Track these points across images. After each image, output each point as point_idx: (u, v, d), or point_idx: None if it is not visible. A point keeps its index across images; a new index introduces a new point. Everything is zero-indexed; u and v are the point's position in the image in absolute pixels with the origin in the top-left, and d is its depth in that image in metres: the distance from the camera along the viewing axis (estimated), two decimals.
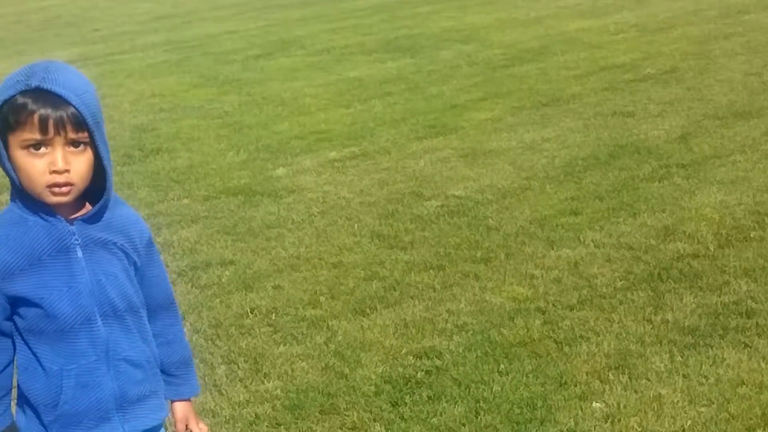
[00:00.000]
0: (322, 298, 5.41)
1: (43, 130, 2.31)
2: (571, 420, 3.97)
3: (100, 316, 2.46)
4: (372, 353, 4.71)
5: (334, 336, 4.94)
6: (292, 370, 4.62)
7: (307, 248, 6.19)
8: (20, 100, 2.30)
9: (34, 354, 2.44)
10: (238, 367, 4.71)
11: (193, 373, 2.83)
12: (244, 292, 5.60)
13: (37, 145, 2.33)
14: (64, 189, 2.37)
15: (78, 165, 2.37)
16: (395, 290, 5.43)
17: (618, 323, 4.77)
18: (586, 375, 4.31)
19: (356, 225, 6.53)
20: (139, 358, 2.56)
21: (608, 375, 4.30)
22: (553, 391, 4.20)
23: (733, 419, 3.91)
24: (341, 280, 5.63)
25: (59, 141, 2.33)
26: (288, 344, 4.90)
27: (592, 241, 5.83)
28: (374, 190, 7.28)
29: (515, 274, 5.48)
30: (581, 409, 4.05)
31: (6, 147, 2.36)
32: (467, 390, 4.28)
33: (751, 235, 5.72)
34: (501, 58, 12.05)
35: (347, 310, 5.23)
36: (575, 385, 4.24)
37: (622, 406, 4.05)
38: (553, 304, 5.04)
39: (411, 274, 5.63)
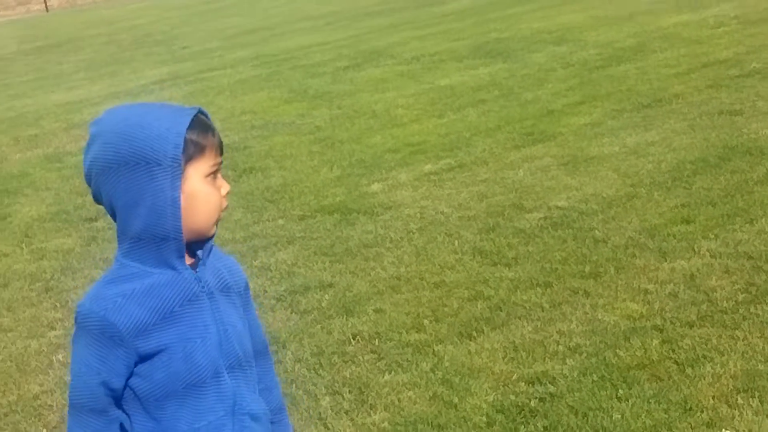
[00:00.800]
0: (425, 321, 5.21)
1: (220, 152, 2.28)
2: None
3: (226, 369, 2.33)
4: (481, 380, 4.50)
5: (440, 362, 4.73)
6: (399, 401, 4.43)
7: (407, 268, 6.01)
8: (193, 129, 2.21)
9: (156, 418, 2.26)
10: (343, 398, 4.54)
11: (286, 414, 2.69)
12: (345, 316, 5.43)
13: (215, 172, 2.26)
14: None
15: None
16: (501, 310, 5.20)
17: (743, 341, 4.47)
18: (713, 399, 4.03)
19: (456, 241, 6.31)
20: (258, 411, 2.41)
21: (737, 399, 4.01)
22: (677, 418, 3.93)
23: None
24: (444, 301, 5.43)
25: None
26: (393, 372, 4.72)
27: (708, 251, 5.52)
28: (473, 203, 7.06)
29: (627, 290, 5.20)
30: None
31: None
32: (585, 419, 4.03)
33: None
34: (597, 58, 11.71)
35: (453, 334, 5.02)
36: (701, 411, 3.96)
37: None
38: (670, 322, 4.76)
39: (517, 292, 5.40)
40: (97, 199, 2.29)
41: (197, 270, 2.30)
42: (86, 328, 2.18)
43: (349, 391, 4.59)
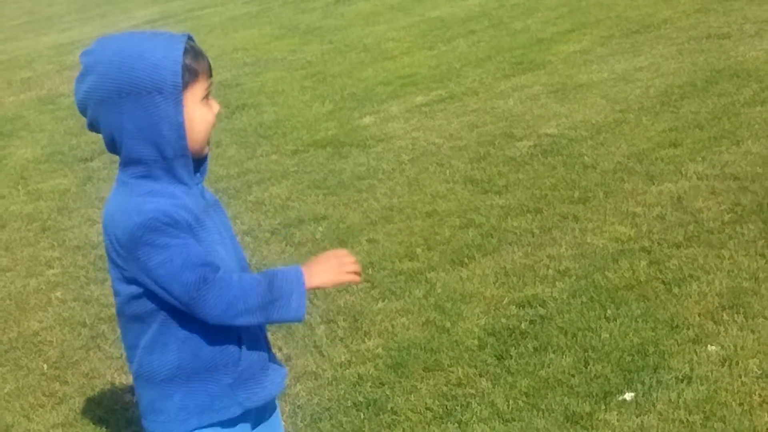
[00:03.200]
0: (418, 250, 5.29)
1: (211, 74, 2.39)
2: (686, 365, 3.80)
3: (241, 270, 2.48)
4: (473, 305, 4.59)
5: (433, 289, 4.82)
6: (393, 327, 4.53)
7: (399, 198, 6.08)
8: (187, 56, 2.31)
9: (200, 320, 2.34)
10: (338, 326, 4.64)
11: None
12: (339, 247, 5.50)
13: (208, 94, 2.37)
14: None
15: None
16: (492, 237, 5.28)
17: (729, 260, 4.55)
18: (699, 317, 4.12)
19: (448, 171, 6.38)
20: None
21: (722, 315, 4.10)
22: (664, 336, 4.03)
23: None
24: (436, 230, 5.51)
25: None
26: (386, 300, 4.81)
27: (695, 173, 5.59)
28: (464, 133, 7.11)
29: (616, 213, 5.28)
30: (696, 354, 3.87)
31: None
32: (574, 339, 4.13)
33: None
34: None
35: (445, 261, 5.10)
36: (688, 328, 4.05)
37: (739, 348, 3.86)
38: (658, 243, 4.84)
39: (508, 219, 5.47)
40: (94, 128, 2.37)
41: (198, 186, 2.43)
42: (151, 231, 2.24)
43: (344, 319, 4.69)
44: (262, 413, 2.58)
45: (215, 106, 2.40)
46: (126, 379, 4.52)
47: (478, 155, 6.57)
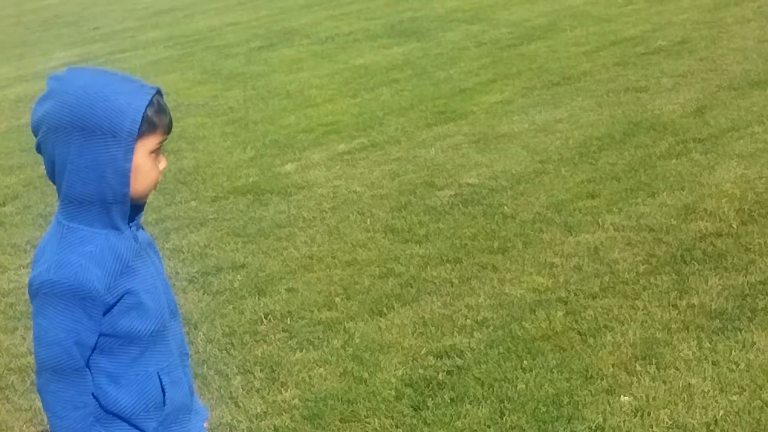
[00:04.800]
0: (337, 299, 5.27)
1: (169, 131, 2.41)
2: (599, 416, 3.83)
3: (170, 315, 2.52)
4: (391, 355, 4.58)
5: (351, 339, 4.80)
6: (310, 378, 4.50)
7: (319, 247, 6.06)
8: (151, 108, 2.33)
9: (123, 364, 2.41)
10: (254, 377, 4.58)
11: None
12: (257, 296, 5.47)
13: (159, 149, 2.40)
14: None
15: None
16: (412, 287, 5.29)
17: (642, 310, 4.62)
18: (613, 367, 4.17)
19: (369, 220, 6.38)
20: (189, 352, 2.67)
21: (635, 366, 4.15)
22: (579, 386, 4.06)
23: (766, 407, 3.76)
24: (356, 279, 5.50)
25: None
26: (304, 350, 4.77)
27: (612, 224, 5.67)
28: (386, 182, 7.14)
29: (534, 264, 5.33)
30: (609, 404, 3.91)
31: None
32: (491, 389, 4.14)
33: None
34: (509, 37, 11.85)
35: (364, 311, 5.09)
36: (602, 379, 4.09)
37: (651, 399, 3.91)
38: (574, 294, 4.89)
39: (427, 268, 5.49)
40: (39, 151, 2.39)
41: (131, 230, 2.45)
42: (56, 294, 2.28)
43: (261, 370, 4.64)
44: None
45: (162, 162, 2.43)
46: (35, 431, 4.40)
47: (399, 204, 6.59)
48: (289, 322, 5.09)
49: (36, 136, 2.37)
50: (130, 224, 2.43)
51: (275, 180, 7.58)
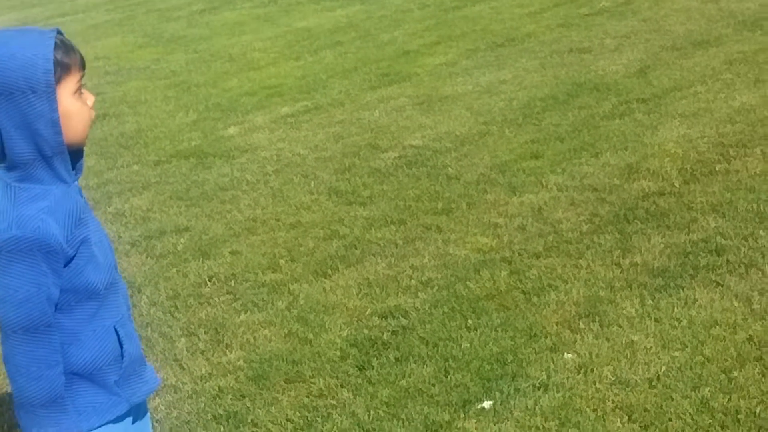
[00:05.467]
0: (281, 261, 5.24)
1: (83, 67, 2.35)
2: (543, 373, 3.85)
3: (114, 269, 2.50)
4: (336, 316, 4.56)
5: (296, 300, 4.78)
6: (255, 339, 4.47)
7: (263, 210, 6.01)
8: (57, 50, 2.28)
9: (81, 320, 2.39)
10: (199, 339, 4.54)
11: None
12: (201, 259, 5.42)
13: (80, 87, 2.34)
14: None
15: None
16: (356, 248, 5.27)
17: (586, 269, 4.65)
18: (556, 325, 4.19)
19: (313, 182, 6.35)
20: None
21: (579, 324, 4.18)
22: (523, 345, 4.08)
23: (708, 362, 3.81)
24: (300, 241, 5.47)
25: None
26: (249, 312, 4.74)
27: (555, 184, 5.69)
28: (329, 144, 7.10)
29: (478, 224, 5.33)
30: (553, 361, 3.93)
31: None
32: (435, 349, 4.14)
33: (716, 169, 5.60)
34: None
35: (308, 273, 5.07)
36: (545, 337, 4.11)
37: (594, 356, 3.93)
38: (518, 253, 4.91)
39: (371, 230, 5.47)
40: None
41: (76, 183, 2.42)
42: (20, 251, 2.24)
43: (205, 332, 4.60)
44: (138, 410, 2.59)
45: (90, 98, 2.39)
46: None
47: (343, 166, 6.55)
48: (233, 285, 5.05)
49: None
50: (75, 174, 2.40)
51: (218, 143, 7.50)
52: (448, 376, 3.92)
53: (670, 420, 3.47)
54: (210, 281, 5.14)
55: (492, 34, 9.66)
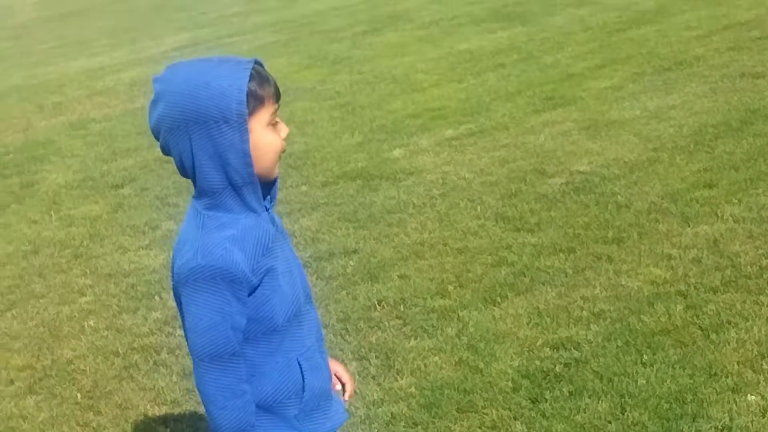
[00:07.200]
0: (450, 287, 5.27)
1: (278, 98, 2.39)
2: (726, 415, 3.75)
3: (305, 299, 2.53)
4: (506, 345, 4.55)
5: (465, 327, 4.79)
6: (425, 366, 4.50)
7: (430, 233, 6.05)
8: (252, 82, 2.32)
9: (265, 353, 2.44)
10: (370, 364, 4.61)
11: None
12: (370, 282, 5.49)
13: (275, 118, 2.38)
14: None
15: None
16: (525, 276, 5.25)
17: (767, 306, 4.51)
18: (738, 365, 4.07)
19: (479, 207, 6.35)
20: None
21: (762, 364, 4.05)
22: (702, 384, 3.98)
23: None
24: (468, 267, 5.48)
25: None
26: (419, 338, 4.78)
27: (731, 215, 5.54)
28: (495, 168, 7.09)
29: (651, 255, 5.24)
30: (735, 403, 3.81)
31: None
32: (610, 384, 4.09)
33: None
34: (617, 21, 11.65)
35: (477, 299, 5.07)
36: (726, 377, 4.00)
37: None
38: (694, 287, 4.79)
39: (540, 258, 5.44)
40: (166, 152, 2.42)
41: (269, 211, 2.46)
42: (206, 279, 2.29)
43: (376, 357, 4.66)
44: None
45: (283, 130, 2.42)
46: (159, 410, 4.51)
47: (509, 191, 6.54)
48: (402, 309, 5.10)
49: (158, 140, 2.40)
50: (267, 204, 2.45)
51: (384, 165, 7.60)
52: (625, 414, 3.86)
53: None
54: (379, 305, 5.20)
55: (658, 58, 9.47)
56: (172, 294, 2.44)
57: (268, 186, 2.46)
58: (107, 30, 20.26)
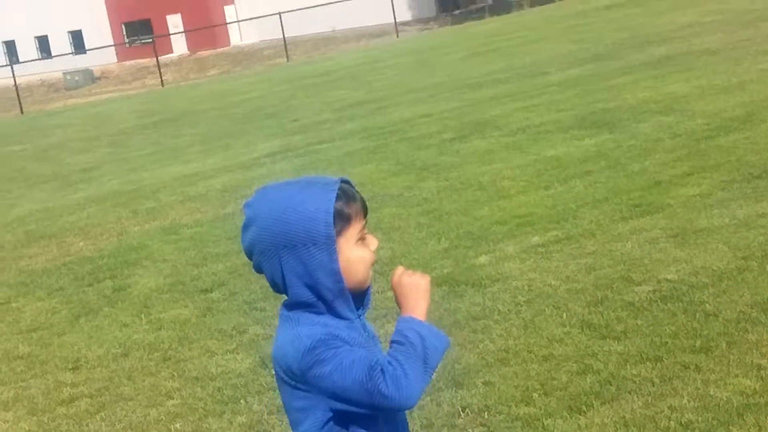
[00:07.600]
0: (534, 395, 5.24)
1: (365, 214, 2.51)
2: None
3: None
4: None
5: None
6: None
7: (515, 340, 6.05)
8: (339, 201, 2.44)
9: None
10: None
11: None
12: (454, 389, 5.50)
13: (364, 233, 2.50)
14: None
15: None
16: (611, 385, 5.21)
17: None
18: None
19: (565, 314, 6.34)
20: None
21: None
22: None
23: None
24: (553, 375, 5.46)
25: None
26: None
27: None
28: (581, 275, 7.08)
29: (740, 365, 5.16)
30: None
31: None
32: None
33: None
34: (705, 128, 11.62)
35: (562, 408, 5.04)
36: None
37: None
38: None
39: (627, 366, 5.39)
40: (258, 271, 2.54)
41: (361, 319, 2.56)
42: (320, 346, 2.38)
43: None
44: None
45: (373, 243, 2.52)
46: None
47: (596, 299, 6.52)
48: (486, 417, 5.09)
49: (251, 260, 2.53)
50: (359, 311, 2.53)
51: (470, 271, 7.64)
52: None
53: None
54: (463, 412, 5.20)
55: (747, 165, 9.41)
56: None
57: (360, 294, 2.54)
58: (201, 137, 20.86)
